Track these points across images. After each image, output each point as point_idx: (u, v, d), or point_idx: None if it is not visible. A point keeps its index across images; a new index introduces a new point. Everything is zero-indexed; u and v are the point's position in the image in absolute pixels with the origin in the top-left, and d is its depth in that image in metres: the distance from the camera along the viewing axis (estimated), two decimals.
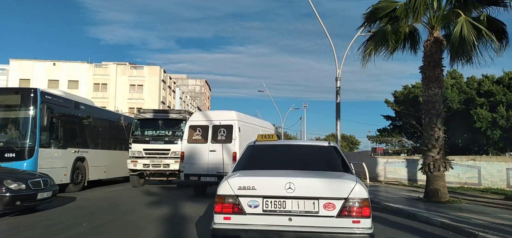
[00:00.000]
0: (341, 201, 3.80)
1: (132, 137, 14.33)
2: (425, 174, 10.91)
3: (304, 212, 3.83)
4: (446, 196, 10.41)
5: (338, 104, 16.98)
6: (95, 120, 14.78)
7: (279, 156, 5.13)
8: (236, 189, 3.93)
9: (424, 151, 10.88)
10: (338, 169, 4.70)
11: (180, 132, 13.99)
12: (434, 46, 10.72)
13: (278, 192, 3.87)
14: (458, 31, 9.78)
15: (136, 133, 14.36)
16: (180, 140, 13.80)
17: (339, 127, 16.87)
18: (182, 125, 14.12)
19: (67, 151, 12.60)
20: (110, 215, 8.13)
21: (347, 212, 3.79)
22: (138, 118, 14.58)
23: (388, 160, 21.25)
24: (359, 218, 3.78)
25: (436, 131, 10.61)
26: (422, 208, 9.19)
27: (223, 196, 3.96)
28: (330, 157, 5.00)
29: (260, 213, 3.86)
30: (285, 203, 3.86)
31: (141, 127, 14.45)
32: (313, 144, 5.69)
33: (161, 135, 14.18)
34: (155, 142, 13.98)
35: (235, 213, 3.90)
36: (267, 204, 3.88)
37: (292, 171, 4.31)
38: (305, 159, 4.98)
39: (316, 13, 16.37)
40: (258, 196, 3.89)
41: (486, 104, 24.25)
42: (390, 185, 18.72)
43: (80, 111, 13.75)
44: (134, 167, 13.94)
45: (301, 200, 3.84)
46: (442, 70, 10.87)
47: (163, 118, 14.69)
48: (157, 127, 14.41)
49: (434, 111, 10.68)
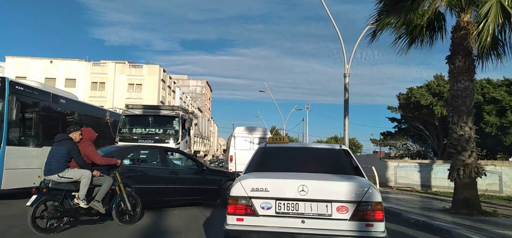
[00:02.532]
0: (354, 205, 3.77)
1: (118, 136, 12.87)
2: (453, 181, 9.37)
3: (317, 215, 3.80)
4: (478, 207, 8.89)
5: (346, 101, 15.54)
6: (79, 116, 13.30)
7: (291, 158, 5.02)
8: (249, 191, 3.90)
9: (452, 154, 9.35)
10: (350, 173, 4.60)
11: (173, 131, 12.64)
12: (464, 32, 9.21)
13: (291, 195, 3.85)
14: (482, 13, 8.17)
15: (123, 131, 12.92)
16: (172, 139, 12.44)
17: (347, 125, 15.45)
18: (175, 122, 12.77)
19: (43, 150, 11.09)
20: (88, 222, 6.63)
21: (361, 215, 3.75)
22: (126, 114, 13.20)
23: (399, 164, 19.74)
24: (372, 221, 3.73)
25: (466, 130, 9.10)
26: (454, 222, 7.67)
27: (236, 197, 3.93)
28: (342, 160, 4.92)
29: (273, 215, 3.85)
30: (298, 206, 3.84)
31: (129, 125, 13.06)
32: (324, 147, 5.51)
33: (151, 134, 12.81)
34: (144, 141, 12.51)
35: (248, 214, 3.88)
36: (280, 206, 3.86)
37: (305, 174, 4.24)
38: (316, 161, 4.90)
39: (327, 8, 14.98)
40: (271, 198, 3.87)
41: (494, 110, 24.15)
42: (402, 191, 17.22)
43: (60, 105, 12.26)
44: None
45: (314, 202, 3.82)
46: (474, 60, 9.37)
47: (154, 114, 13.30)
48: (147, 125, 13.05)
49: (464, 107, 9.17)
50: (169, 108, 13.67)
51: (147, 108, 13.88)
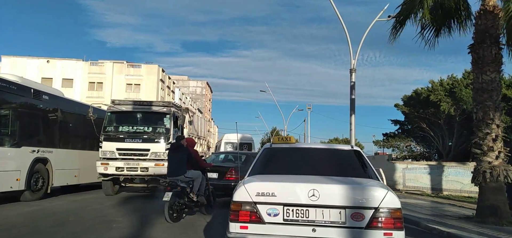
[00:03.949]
0: (371, 211, 3.40)
1: (103, 134, 11.58)
2: (477, 185, 8.31)
3: (330, 223, 3.45)
4: (508, 216, 7.82)
5: (352, 98, 14.56)
6: (64, 113, 12.27)
7: (298, 160, 4.64)
8: (254, 196, 3.58)
9: (477, 155, 8.30)
10: (363, 176, 4.21)
11: (163, 129, 11.45)
12: (490, 18, 8.17)
13: (300, 200, 3.51)
14: None
15: (108, 129, 11.63)
16: (163, 138, 11.30)
17: (354, 123, 14.45)
18: (166, 119, 11.56)
19: (21, 150, 10.09)
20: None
21: (378, 223, 3.37)
22: (112, 111, 11.85)
23: (407, 166, 18.66)
24: (391, 230, 3.35)
25: (493, 128, 8.05)
26: (483, 234, 6.62)
27: (239, 202, 3.61)
28: (353, 162, 4.57)
29: (280, 223, 3.51)
30: (309, 212, 3.50)
31: (115, 122, 11.73)
32: (334, 148, 5.13)
33: (140, 132, 11.51)
34: (132, 140, 11.28)
35: (252, 221, 3.55)
36: (288, 212, 3.53)
37: (315, 177, 3.90)
38: (326, 163, 4.52)
39: (333, 3, 13.98)
40: (278, 204, 3.53)
41: (505, 108, 22.52)
42: (412, 195, 16.17)
43: (42, 102, 11.21)
44: (105, 171, 11.16)
45: (326, 209, 3.47)
46: (501, 48, 8.33)
47: (142, 111, 11.93)
48: (134, 122, 11.75)
49: (491, 102, 8.13)
50: (159, 104, 12.42)
51: (135, 103, 12.38)
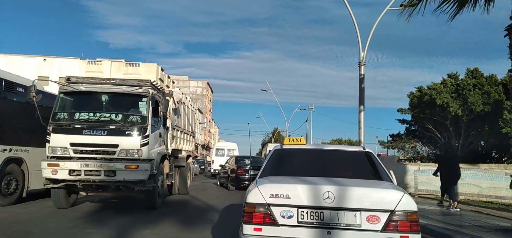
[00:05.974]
0: (386, 214, 3.35)
1: (52, 123, 8.46)
2: None
3: (345, 225, 3.37)
4: None
5: (362, 92, 13.32)
6: (44, 108, 10.97)
7: (310, 161, 4.61)
8: (268, 197, 3.52)
9: None
10: (377, 178, 4.17)
11: (138, 117, 8.57)
12: None
13: (315, 202, 3.44)
14: None
15: (59, 116, 8.55)
16: (137, 130, 8.37)
17: (363, 121, 13.23)
18: (141, 104, 8.72)
19: None
20: None
21: (394, 226, 3.33)
22: (65, 92, 8.82)
23: (419, 168, 17.40)
24: (407, 233, 3.31)
25: None
26: None
27: (253, 204, 3.54)
28: (366, 163, 4.52)
29: (294, 225, 3.44)
30: (323, 215, 3.42)
31: (70, 107, 8.89)
32: (346, 149, 5.04)
33: (104, 121, 8.47)
34: (93, 132, 8.27)
35: (266, 223, 3.49)
36: (303, 215, 3.45)
37: (329, 179, 3.76)
38: (338, 165, 4.53)
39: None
40: (293, 206, 3.47)
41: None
42: (426, 199, 14.89)
43: (16, 95, 9.96)
44: (54, 175, 8.10)
45: (341, 211, 3.40)
46: None
47: (109, 91, 8.89)
48: (98, 107, 8.77)
49: None
50: (134, 83, 9.06)
51: (98, 82, 9.06)
